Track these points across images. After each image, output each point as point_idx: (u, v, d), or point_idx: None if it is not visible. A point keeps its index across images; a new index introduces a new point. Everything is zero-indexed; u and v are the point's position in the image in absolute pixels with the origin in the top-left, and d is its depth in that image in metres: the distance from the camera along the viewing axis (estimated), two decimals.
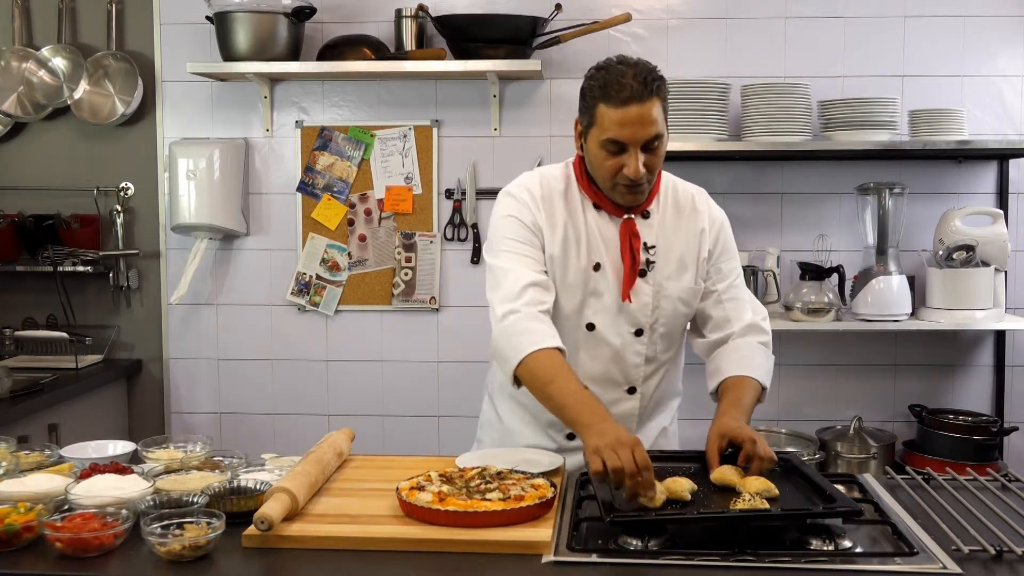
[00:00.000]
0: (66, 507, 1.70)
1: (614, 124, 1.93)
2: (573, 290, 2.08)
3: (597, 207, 2.10)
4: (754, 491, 1.71)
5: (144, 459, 2.03)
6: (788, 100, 3.29)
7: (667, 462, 1.98)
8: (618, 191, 2.03)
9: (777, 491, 1.73)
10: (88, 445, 2.12)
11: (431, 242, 3.61)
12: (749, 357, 2.10)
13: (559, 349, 1.95)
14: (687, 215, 2.14)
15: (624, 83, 1.93)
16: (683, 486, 1.76)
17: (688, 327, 2.23)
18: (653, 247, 2.09)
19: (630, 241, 2.06)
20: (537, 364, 1.93)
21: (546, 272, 2.07)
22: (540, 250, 2.07)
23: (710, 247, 2.14)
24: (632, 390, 2.15)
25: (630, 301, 2.07)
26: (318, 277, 3.67)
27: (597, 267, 2.08)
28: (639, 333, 2.11)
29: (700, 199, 2.18)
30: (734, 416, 1.97)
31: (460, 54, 3.41)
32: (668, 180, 2.18)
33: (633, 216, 2.08)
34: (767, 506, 1.64)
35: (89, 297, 3.74)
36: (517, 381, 1.98)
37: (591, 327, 2.10)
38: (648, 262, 2.08)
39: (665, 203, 2.13)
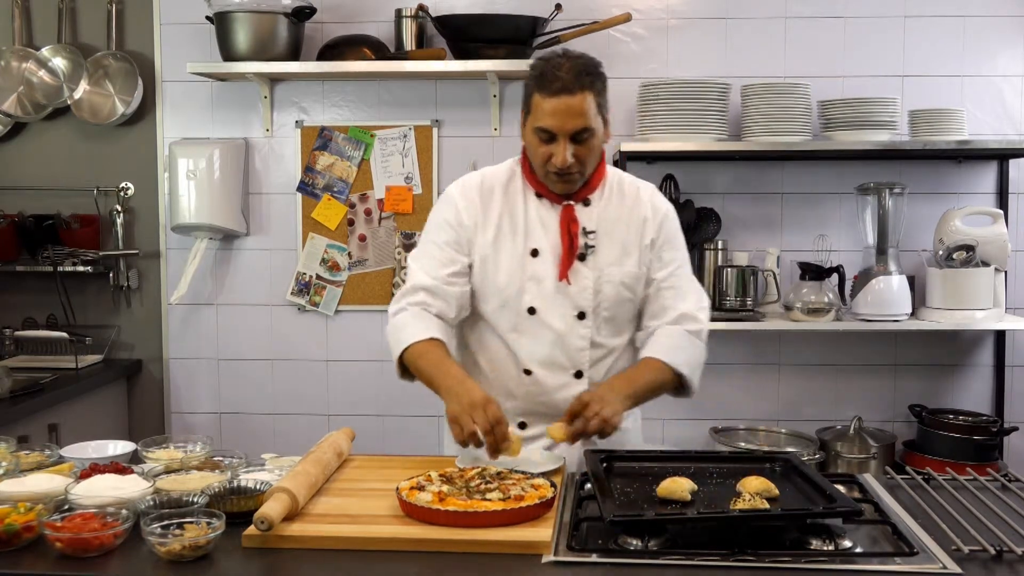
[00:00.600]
0: (66, 507, 1.70)
1: (545, 113, 2.02)
2: (510, 276, 2.15)
3: (539, 195, 2.18)
4: (754, 491, 1.72)
5: (144, 459, 2.03)
6: (788, 100, 3.29)
7: (666, 462, 1.98)
8: (550, 179, 2.11)
9: (777, 491, 1.74)
10: (88, 445, 2.12)
11: None
12: (668, 342, 2.16)
13: (432, 339, 2.08)
14: (630, 204, 2.21)
15: (558, 75, 2.01)
16: (683, 486, 1.76)
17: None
18: (593, 232, 2.15)
19: (568, 225, 2.13)
20: (413, 350, 2.08)
21: (458, 272, 2.15)
22: (457, 248, 2.17)
23: (653, 235, 2.20)
24: (579, 374, 2.18)
25: (568, 282, 2.13)
26: (318, 277, 3.67)
27: (535, 253, 2.15)
28: (582, 316, 2.15)
29: (645, 191, 2.25)
30: (612, 386, 2.06)
31: (460, 54, 3.41)
32: (615, 173, 2.26)
33: (573, 203, 2.15)
34: (767, 506, 1.64)
35: (89, 297, 3.74)
36: (405, 373, 2.14)
37: (532, 311, 2.15)
38: (587, 246, 2.14)
39: (609, 193, 2.21)
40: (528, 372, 2.18)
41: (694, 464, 1.96)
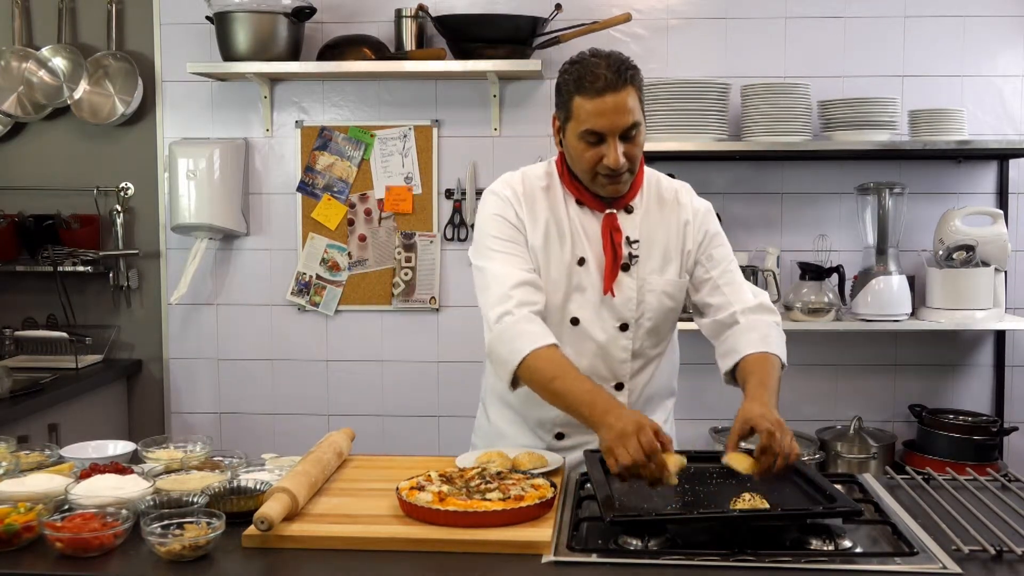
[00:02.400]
0: (66, 507, 1.70)
1: (591, 115, 1.95)
2: (556, 285, 2.09)
3: (580, 203, 2.11)
4: (741, 467, 1.73)
5: (144, 459, 2.03)
6: (788, 100, 3.29)
7: None
8: (599, 182, 2.03)
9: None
10: (88, 445, 2.12)
11: (431, 242, 3.61)
12: (767, 335, 2.06)
13: (554, 345, 1.96)
14: (670, 209, 2.15)
15: (598, 73, 1.94)
16: (674, 461, 1.73)
17: (694, 316, 2.22)
18: (636, 241, 2.10)
19: (611, 235, 2.07)
20: (538, 363, 1.93)
21: (534, 269, 2.08)
22: (526, 247, 2.09)
23: (697, 238, 2.15)
24: (619, 386, 2.14)
25: (613, 295, 2.08)
26: (318, 277, 3.67)
27: (581, 262, 2.09)
28: (624, 328, 2.11)
29: (684, 193, 2.19)
30: (763, 400, 1.87)
31: (460, 54, 3.41)
32: (652, 175, 2.19)
33: (615, 211, 2.09)
34: (767, 506, 1.64)
35: (89, 297, 3.74)
36: (514, 383, 1.99)
37: (575, 322, 2.10)
38: (631, 256, 2.09)
39: (648, 197, 2.15)
40: None
41: (694, 464, 1.96)
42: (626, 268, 2.09)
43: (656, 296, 2.11)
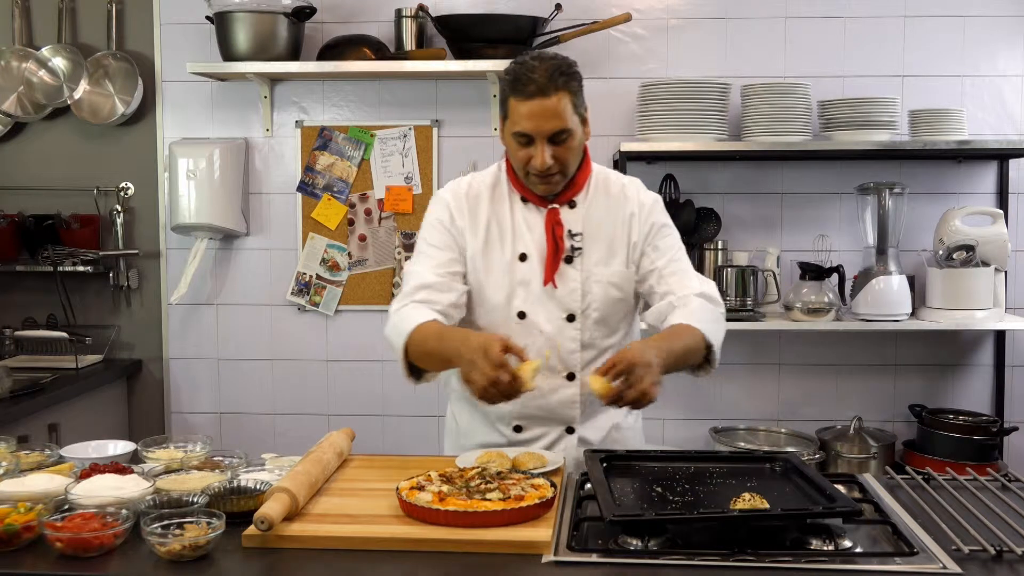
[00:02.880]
0: (66, 507, 1.70)
1: (522, 117, 2.02)
2: (499, 281, 2.15)
3: (524, 200, 2.18)
4: (595, 387, 1.82)
5: (144, 459, 2.03)
6: (788, 100, 3.29)
7: (666, 462, 1.98)
8: (531, 181, 2.11)
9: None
10: (88, 445, 2.12)
11: None
12: (702, 313, 2.08)
13: (433, 320, 2.03)
14: (616, 202, 2.20)
15: (532, 77, 2.00)
16: (528, 368, 1.83)
17: (642, 309, 2.26)
18: (579, 234, 2.15)
19: (553, 229, 2.13)
20: (415, 337, 2.02)
21: (457, 272, 2.15)
22: (454, 250, 2.17)
23: (643, 230, 2.18)
24: (571, 376, 2.17)
25: (555, 286, 2.13)
26: (318, 277, 3.67)
27: (523, 257, 2.15)
28: (571, 319, 2.15)
29: (630, 187, 2.23)
30: (651, 344, 1.93)
31: (460, 54, 3.41)
32: (600, 171, 2.25)
33: (558, 206, 2.15)
34: (767, 506, 1.64)
35: (89, 297, 3.74)
36: (413, 374, 2.08)
37: (522, 315, 2.15)
38: (574, 248, 2.14)
39: (595, 192, 2.20)
40: None
41: (694, 464, 1.96)
42: (569, 260, 2.14)
43: (602, 287, 2.16)
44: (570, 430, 2.20)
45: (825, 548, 1.57)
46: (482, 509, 1.65)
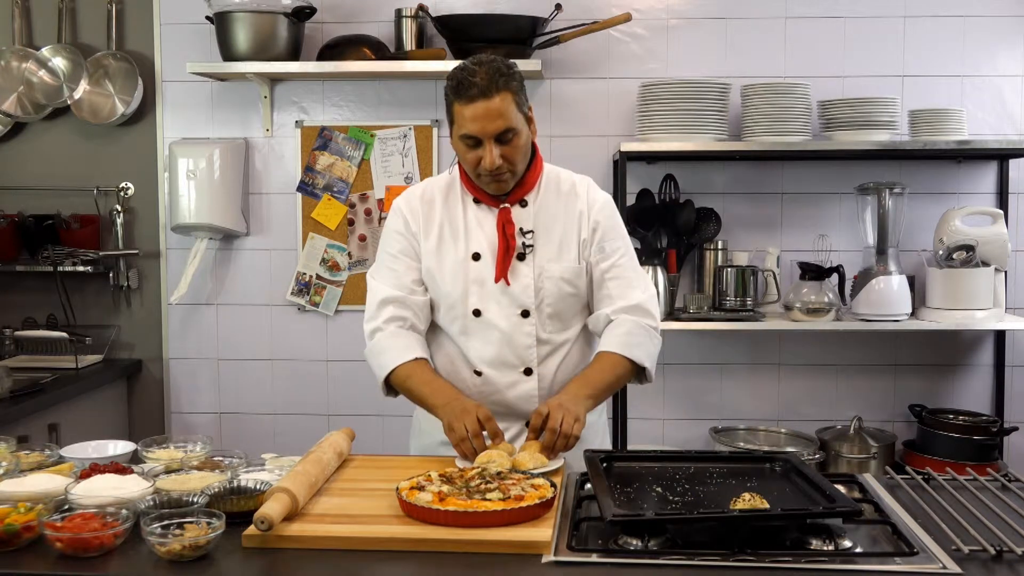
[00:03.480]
0: (66, 507, 1.70)
1: (467, 120, 2.07)
2: (454, 280, 2.21)
3: (477, 201, 2.23)
4: (532, 452, 1.91)
5: (144, 459, 2.03)
6: (788, 100, 3.29)
7: (666, 462, 1.98)
8: (483, 181, 2.15)
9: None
10: (88, 445, 2.12)
11: None
12: (627, 335, 2.18)
13: (416, 359, 2.17)
14: (566, 200, 2.24)
15: (472, 81, 2.05)
16: (500, 454, 1.92)
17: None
18: (530, 232, 2.20)
19: (504, 227, 2.18)
20: (398, 373, 2.18)
21: (417, 279, 2.24)
22: (411, 256, 2.25)
23: (592, 227, 2.23)
24: (528, 371, 2.22)
25: (508, 283, 2.18)
26: (318, 277, 3.67)
27: (476, 256, 2.21)
28: (526, 314, 2.20)
29: (581, 185, 2.28)
30: (569, 391, 2.10)
31: (460, 54, 3.41)
32: (552, 170, 2.29)
33: (509, 205, 2.20)
34: (767, 506, 1.64)
35: (89, 297, 3.74)
36: (391, 391, 2.23)
37: (477, 313, 2.20)
38: (525, 245, 2.20)
39: (546, 191, 2.25)
40: (478, 373, 2.23)
41: (694, 464, 1.96)
42: (522, 257, 2.20)
43: (554, 282, 2.20)
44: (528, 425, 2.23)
45: (825, 548, 1.57)
46: (482, 509, 1.65)
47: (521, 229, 2.20)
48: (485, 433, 2.00)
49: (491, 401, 2.21)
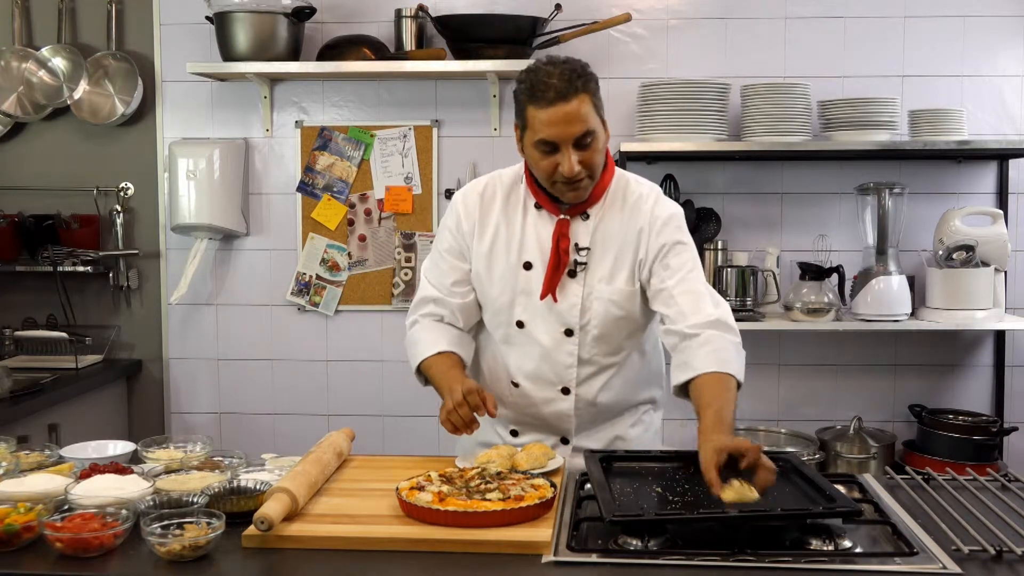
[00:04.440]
0: (66, 507, 1.70)
1: (543, 125, 1.96)
2: (502, 287, 2.14)
3: (538, 207, 2.13)
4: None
5: (144, 459, 2.03)
6: (788, 100, 3.29)
7: (666, 462, 1.98)
8: (559, 189, 2.05)
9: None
10: (88, 445, 2.12)
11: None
12: (723, 353, 1.97)
13: (441, 352, 2.13)
14: (629, 215, 2.12)
15: (549, 83, 1.95)
16: (497, 457, 1.96)
17: (657, 324, 2.18)
18: (585, 249, 2.10)
19: (558, 241, 2.08)
20: (425, 364, 2.15)
21: (462, 280, 2.18)
22: (457, 255, 2.19)
23: (651, 247, 2.10)
24: (566, 391, 2.15)
25: (555, 299, 2.09)
26: (318, 277, 3.67)
27: (528, 266, 2.12)
28: (569, 333, 2.12)
29: (647, 199, 2.13)
30: (723, 432, 1.79)
31: (460, 54, 3.41)
32: (622, 178, 2.17)
33: (568, 217, 2.10)
34: (755, 494, 1.62)
35: (89, 297, 3.74)
36: (427, 381, 2.19)
37: (520, 324, 2.14)
38: (577, 263, 2.10)
39: (612, 203, 2.13)
40: (516, 384, 2.18)
41: (694, 464, 1.95)
42: (573, 274, 2.10)
43: (603, 304, 2.10)
44: (565, 440, 2.21)
45: (825, 548, 1.57)
46: (482, 509, 1.65)
47: (576, 245, 2.09)
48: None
49: (527, 414, 2.18)
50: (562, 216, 2.10)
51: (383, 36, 3.54)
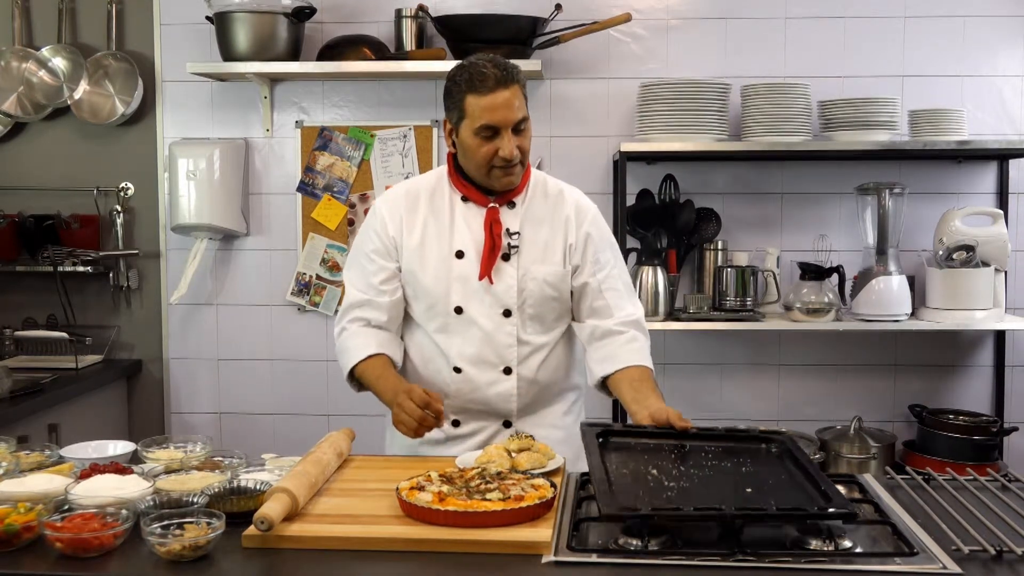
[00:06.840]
0: (66, 507, 1.70)
1: (484, 111, 2.10)
2: (436, 277, 2.23)
3: (465, 199, 2.25)
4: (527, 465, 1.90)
5: (144, 459, 2.03)
6: (788, 100, 3.29)
7: (662, 439, 1.98)
8: (494, 175, 2.17)
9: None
10: (88, 445, 2.12)
11: None
12: (644, 350, 2.25)
13: (371, 356, 2.22)
14: (553, 204, 2.28)
15: (488, 73, 2.10)
16: (496, 457, 1.96)
17: (574, 321, 2.32)
18: (517, 233, 2.23)
19: (491, 227, 2.21)
20: (358, 370, 2.24)
21: (387, 279, 2.26)
22: (384, 256, 2.27)
23: (579, 234, 2.26)
24: (508, 370, 2.25)
25: (491, 281, 2.20)
26: (318, 277, 3.67)
27: (460, 254, 2.23)
28: (508, 314, 2.22)
29: (569, 192, 2.32)
30: (659, 399, 2.11)
31: (460, 54, 3.41)
32: (539, 175, 2.33)
33: (497, 205, 2.23)
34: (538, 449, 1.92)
35: (89, 297, 3.74)
36: (361, 388, 2.28)
37: (459, 310, 2.23)
38: (511, 246, 2.22)
39: (533, 194, 2.28)
40: (458, 370, 2.25)
41: (689, 442, 1.96)
42: (507, 258, 2.22)
43: (537, 284, 2.23)
44: (507, 424, 2.27)
45: (825, 548, 1.57)
46: (482, 509, 1.65)
47: (508, 230, 2.22)
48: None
49: (469, 399, 2.24)
50: (491, 205, 2.22)
51: (383, 36, 3.54)
